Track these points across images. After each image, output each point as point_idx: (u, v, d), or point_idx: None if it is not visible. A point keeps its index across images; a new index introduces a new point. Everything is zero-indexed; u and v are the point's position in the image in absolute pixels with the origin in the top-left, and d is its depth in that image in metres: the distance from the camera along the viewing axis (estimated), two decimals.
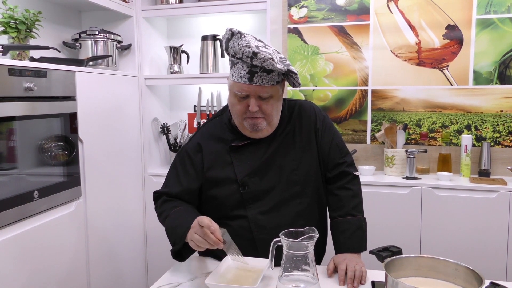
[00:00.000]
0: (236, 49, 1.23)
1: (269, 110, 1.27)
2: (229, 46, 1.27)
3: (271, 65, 1.19)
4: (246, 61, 1.21)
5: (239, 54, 1.23)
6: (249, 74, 1.22)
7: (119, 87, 2.25)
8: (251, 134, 1.32)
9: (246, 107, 1.26)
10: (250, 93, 1.24)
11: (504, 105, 2.37)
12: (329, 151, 1.39)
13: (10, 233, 1.52)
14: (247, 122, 1.29)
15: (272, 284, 1.17)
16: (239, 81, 1.24)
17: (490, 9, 2.33)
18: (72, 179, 1.86)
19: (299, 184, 1.34)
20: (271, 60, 1.18)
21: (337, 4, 2.55)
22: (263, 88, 1.23)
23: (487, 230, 2.11)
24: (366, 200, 2.19)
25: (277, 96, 1.29)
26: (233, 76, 1.26)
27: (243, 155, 1.33)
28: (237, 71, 1.24)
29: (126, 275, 2.31)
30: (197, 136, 1.40)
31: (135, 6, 2.43)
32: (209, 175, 1.34)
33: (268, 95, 1.25)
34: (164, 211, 1.32)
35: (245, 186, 1.31)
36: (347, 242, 1.31)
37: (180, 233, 1.21)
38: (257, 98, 1.25)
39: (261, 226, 1.31)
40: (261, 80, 1.22)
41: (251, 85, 1.23)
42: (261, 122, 1.28)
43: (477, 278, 0.96)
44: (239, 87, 1.24)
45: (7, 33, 1.72)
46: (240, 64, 1.24)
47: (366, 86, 2.55)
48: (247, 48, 1.19)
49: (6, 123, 1.53)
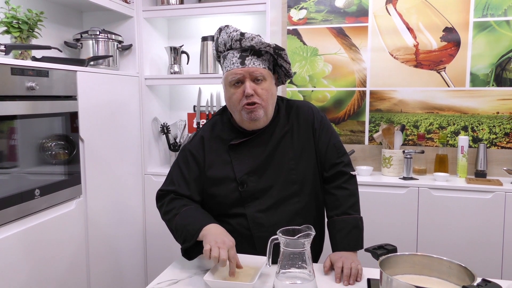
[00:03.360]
0: (225, 38, 1.32)
1: (264, 95, 1.31)
2: (219, 42, 1.35)
3: (259, 42, 1.27)
4: (236, 47, 1.30)
5: (228, 43, 1.31)
6: (240, 59, 1.29)
7: (119, 87, 2.27)
8: (250, 125, 1.35)
9: (242, 93, 1.30)
10: (244, 75, 1.29)
11: (501, 107, 2.39)
12: (327, 151, 1.41)
13: (11, 230, 1.54)
14: (245, 112, 1.31)
15: (269, 281, 1.19)
16: (232, 68, 1.30)
17: (487, 12, 2.36)
18: (72, 177, 1.88)
19: (297, 183, 1.36)
20: (258, 37, 1.28)
21: (336, 6, 2.57)
22: (256, 69, 1.29)
23: (482, 230, 2.13)
24: (364, 200, 2.22)
25: (270, 81, 1.34)
26: (225, 68, 1.33)
27: (242, 154, 1.36)
28: (228, 60, 1.31)
29: (126, 272, 2.33)
30: (198, 135, 1.42)
31: (136, 6, 2.45)
32: (210, 173, 1.37)
33: (261, 76, 1.30)
34: (173, 208, 1.33)
35: (244, 185, 1.33)
36: (343, 240, 1.33)
37: (192, 231, 1.23)
38: (252, 81, 1.30)
39: (260, 224, 1.33)
40: (253, 62, 1.29)
41: (244, 67, 1.29)
42: (258, 109, 1.31)
43: (469, 275, 0.98)
44: (232, 73, 1.30)
45: (10, 33, 1.74)
46: (230, 53, 1.31)
47: (364, 87, 2.57)
48: (234, 32, 1.29)
49: (7, 121, 1.55)
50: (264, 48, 1.29)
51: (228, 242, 1.17)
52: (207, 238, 1.19)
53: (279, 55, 1.32)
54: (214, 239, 1.17)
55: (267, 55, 1.33)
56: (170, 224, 1.34)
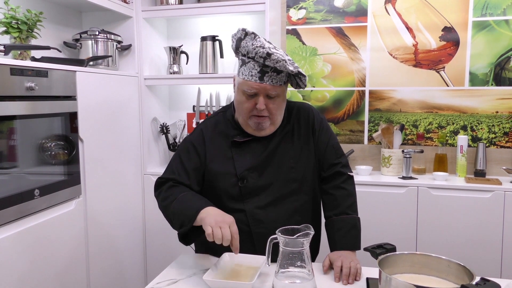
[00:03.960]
0: (249, 48, 1.28)
1: (275, 110, 1.32)
2: (241, 45, 1.31)
3: (283, 67, 1.25)
4: (258, 61, 1.27)
5: (251, 54, 1.27)
6: (260, 74, 1.27)
7: (119, 87, 2.27)
8: (254, 132, 1.36)
9: (253, 105, 1.30)
10: (260, 91, 1.29)
11: (500, 106, 2.39)
12: (325, 152, 1.43)
13: (11, 230, 1.54)
14: (252, 121, 1.33)
15: (268, 280, 1.20)
16: (250, 80, 1.28)
17: (486, 11, 2.36)
18: (72, 177, 1.88)
19: (296, 182, 1.38)
20: (283, 62, 1.24)
21: (335, 6, 2.57)
22: (273, 88, 1.29)
23: (482, 229, 2.14)
24: (363, 199, 2.23)
25: (283, 96, 1.35)
26: (243, 74, 1.31)
27: (243, 150, 1.38)
28: (248, 69, 1.29)
29: (126, 272, 2.33)
30: (200, 129, 1.44)
31: (135, 6, 2.45)
32: (210, 167, 1.38)
33: (275, 94, 1.30)
34: (171, 195, 1.33)
35: (244, 180, 1.35)
36: (342, 240, 1.34)
37: (190, 215, 1.23)
38: (265, 97, 1.30)
39: (258, 220, 1.34)
40: (271, 79, 1.28)
41: (262, 83, 1.28)
42: (266, 121, 1.33)
43: (468, 274, 0.98)
44: (249, 85, 1.29)
45: (9, 33, 1.74)
46: (251, 63, 1.28)
47: (363, 87, 2.58)
48: (261, 49, 1.25)
49: (7, 122, 1.55)
50: (287, 71, 1.28)
51: (228, 219, 1.18)
52: (206, 220, 1.18)
53: (298, 78, 1.32)
54: (214, 219, 1.18)
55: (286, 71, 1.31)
56: (167, 211, 1.33)
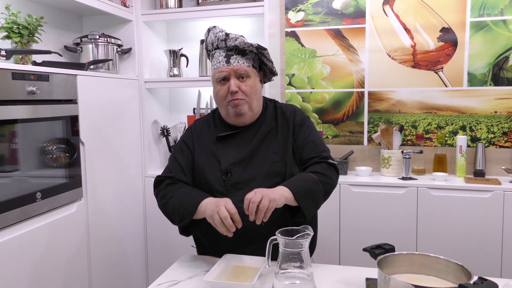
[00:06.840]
0: (212, 38, 1.42)
1: (249, 91, 1.40)
2: (207, 42, 1.45)
3: (243, 43, 1.37)
4: (222, 46, 1.40)
5: (215, 43, 1.41)
6: (226, 58, 1.40)
7: (119, 90, 2.29)
8: (236, 120, 1.43)
9: (227, 90, 1.39)
10: (229, 72, 1.39)
11: (498, 106, 2.40)
12: (304, 147, 1.43)
13: (13, 233, 1.55)
14: (230, 107, 1.40)
15: (268, 281, 1.21)
16: (218, 66, 1.40)
17: (483, 11, 2.37)
18: (73, 180, 1.89)
19: (280, 175, 1.40)
20: (242, 37, 1.38)
21: (333, 8, 2.59)
22: (240, 67, 1.39)
23: (481, 229, 2.14)
24: (363, 200, 2.24)
25: (254, 78, 1.43)
26: (213, 66, 1.43)
27: (228, 146, 1.44)
28: (215, 59, 1.42)
29: (127, 274, 2.34)
30: (190, 127, 1.54)
31: (135, 10, 2.47)
32: (198, 162, 1.45)
33: (245, 74, 1.40)
34: (169, 192, 1.39)
35: (228, 174, 1.39)
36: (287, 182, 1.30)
37: (190, 208, 1.29)
38: (236, 79, 1.39)
39: (242, 213, 1.27)
40: (237, 61, 1.39)
41: (229, 66, 1.39)
42: (243, 105, 1.39)
43: (466, 274, 0.99)
44: (218, 71, 1.40)
45: (10, 38, 1.75)
46: (217, 53, 1.42)
47: (362, 88, 2.59)
48: (220, 33, 1.40)
49: (9, 126, 1.56)
50: (248, 48, 1.39)
51: (222, 201, 1.23)
52: (206, 212, 1.25)
53: (262, 54, 1.43)
54: (211, 208, 1.23)
55: (252, 54, 1.43)
56: (166, 208, 1.38)
